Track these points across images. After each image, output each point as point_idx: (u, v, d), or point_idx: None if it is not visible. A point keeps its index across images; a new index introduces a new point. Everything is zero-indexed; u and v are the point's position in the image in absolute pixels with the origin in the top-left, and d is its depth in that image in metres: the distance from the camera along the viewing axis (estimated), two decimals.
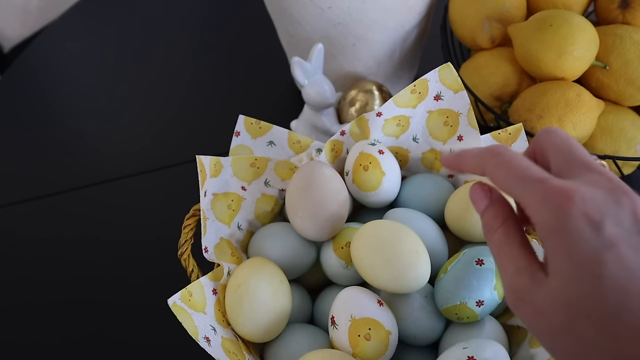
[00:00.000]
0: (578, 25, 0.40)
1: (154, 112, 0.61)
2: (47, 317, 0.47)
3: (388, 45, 0.49)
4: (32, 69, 0.69)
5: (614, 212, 0.19)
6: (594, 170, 0.20)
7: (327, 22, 0.46)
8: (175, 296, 0.31)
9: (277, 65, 0.60)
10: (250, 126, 0.41)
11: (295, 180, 0.36)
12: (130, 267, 0.49)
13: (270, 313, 0.33)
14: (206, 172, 0.36)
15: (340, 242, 0.36)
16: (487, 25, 0.46)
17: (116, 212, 0.53)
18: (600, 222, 0.18)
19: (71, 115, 0.63)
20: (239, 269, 0.34)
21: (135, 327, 0.45)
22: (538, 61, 0.41)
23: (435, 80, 0.39)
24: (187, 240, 0.35)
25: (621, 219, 0.19)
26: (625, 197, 0.19)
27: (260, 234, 0.38)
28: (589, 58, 0.41)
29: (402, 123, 0.41)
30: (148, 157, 0.56)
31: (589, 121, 0.40)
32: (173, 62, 0.65)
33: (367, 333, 0.31)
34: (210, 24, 0.69)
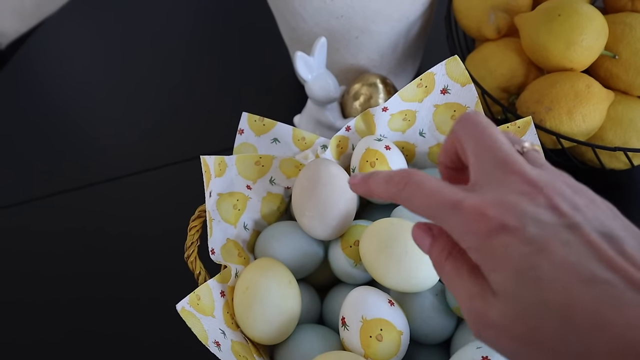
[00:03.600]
0: (587, 14, 0.39)
1: (154, 108, 0.60)
2: (51, 314, 0.46)
3: (391, 37, 0.48)
4: (30, 65, 0.68)
5: (533, 213, 0.18)
6: (507, 169, 0.20)
7: (330, 14, 0.45)
8: (184, 301, 0.30)
9: (279, 59, 0.59)
10: (254, 123, 0.40)
11: (301, 179, 0.36)
12: (135, 266, 0.48)
13: (279, 315, 0.32)
14: (211, 172, 0.35)
15: (349, 240, 0.36)
16: (493, 16, 0.45)
17: (116, 216, 0.52)
18: (522, 228, 0.18)
19: (72, 111, 0.62)
20: (247, 271, 0.34)
21: (142, 326, 0.45)
22: (546, 52, 0.41)
23: (442, 73, 0.38)
24: (194, 243, 0.34)
25: (541, 218, 0.18)
26: (540, 195, 0.19)
27: (267, 234, 0.37)
28: (598, 48, 0.40)
29: (409, 117, 0.40)
30: (148, 155, 0.56)
31: (598, 112, 0.40)
32: (174, 56, 0.64)
33: (379, 334, 0.31)
34: (213, 18, 0.68)
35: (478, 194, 0.19)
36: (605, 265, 0.17)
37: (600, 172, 0.44)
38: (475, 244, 0.19)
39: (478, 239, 0.19)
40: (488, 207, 0.19)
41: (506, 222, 0.18)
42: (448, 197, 0.20)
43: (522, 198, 0.19)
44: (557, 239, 0.18)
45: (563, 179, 0.20)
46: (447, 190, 0.20)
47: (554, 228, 0.18)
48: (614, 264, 0.17)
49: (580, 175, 0.46)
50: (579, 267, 0.17)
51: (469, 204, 0.19)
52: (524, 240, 0.18)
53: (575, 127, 0.39)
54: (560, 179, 0.20)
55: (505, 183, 0.19)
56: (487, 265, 0.19)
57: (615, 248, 0.18)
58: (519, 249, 0.18)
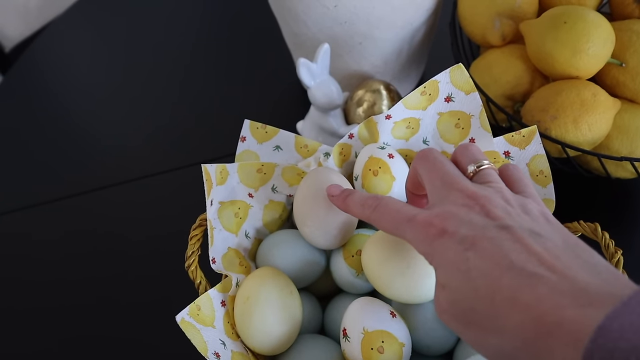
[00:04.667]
0: (593, 21, 0.39)
1: (157, 112, 0.60)
2: (48, 320, 0.46)
3: (395, 44, 0.48)
4: (35, 68, 0.68)
5: (467, 218, 0.22)
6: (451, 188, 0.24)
7: (333, 21, 0.45)
8: (184, 312, 0.30)
9: (282, 64, 0.59)
10: (256, 131, 0.40)
11: (302, 188, 0.35)
12: (136, 272, 0.48)
13: (280, 325, 0.32)
14: (212, 181, 0.35)
15: (351, 250, 0.36)
16: (498, 22, 0.45)
17: (117, 221, 0.52)
18: (457, 231, 0.22)
19: (76, 114, 0.62)
20: (248, 280, 0.34)
21: (142, 331, 0.44)
22: (552, 59, 0.40)
23: (446, 81, 0.38)
24: (194, 252, 0.34)
25: (474, 221, 0.22)
26: (476, 204, 0.23)
27: (269, 242, 0.37)
28: (605, 56, 0.40)
29: (412, 125, 0.40)
30: (150, 160, 0.56)
31: (605, 121, 0.39)
32: (177, 61, 0.64)
33: (380, 346, 0.30)
34: (216, 24, 0.68)
35: (429, 211, 0.24)
36: (526, 255, 0.20)
37: (606, 181, 0.43)
38: (425, 248, 0.23)
39: (426, 243, 0.23)
40: (433, 218, 0.23)
41: (446, 228, 0.22)
42: (406, 214, 0.25)
43: (460, 208, 0.23)
44: (485, 237, 0.21)
45: (503, 194, 0.24)
46: (406, 209, 0.25)
47: (483, 228, 0.22)
48: (535, 253, 0.20)
49: (585, 184, 0.46)
50: (500, 257, 0.20)
51: (420, 218, 0.24)
52: (457, 240, 0.22)
53: (581, 136, 0.39)
54: (501, 194, 0.24)
55: (449, 199, 0.24)
56: (434, 263, 0.23)
57: (539, 242, 0.21)
58: (453, 247, 0.22)
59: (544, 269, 0.19)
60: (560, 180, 0.38)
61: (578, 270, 0.19)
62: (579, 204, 0.44)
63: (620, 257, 0.32)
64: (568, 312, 0.17)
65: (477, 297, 0.20)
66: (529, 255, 0.20)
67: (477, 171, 0.26)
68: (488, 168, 0.26)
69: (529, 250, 0.20)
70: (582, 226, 0.34)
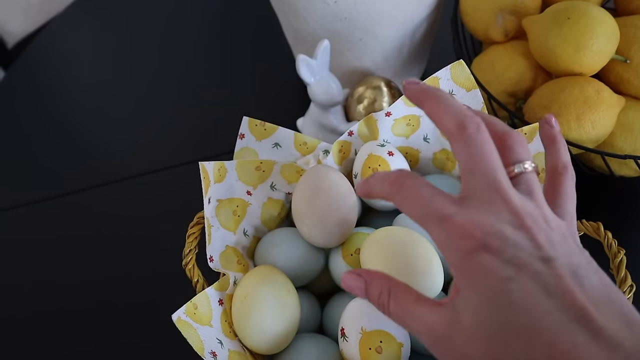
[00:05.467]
0: (597, 17, 0.38)
1: (157, 109, 0.60)
2: (45, 321, 0.46)
3: (396, 40, 0.47)
4: (37, 65, 0.68)
5: (514, 241, 0.20)
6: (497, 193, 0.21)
7: (333, 17, 0.44)
8: (180, 311, 0.30)
9: (282, 60, 0.58)
10: (255, 128, 0.39)
11: (301, 186, 0.35)
12: (134, 270, 0.48)
13: (278, 324, 0.32)
14: (210, 179, 0.35)
15: (350, 248, 0.35)
16: (501, 18, 0.44)
17: (117, 218, 0.52)
18: (502, 252, 0.19)
19: (78, 111, 0.62)
20: (245, 279, 0.33)
21: (139, 331, 0.44)
22: (555, 56, 0.40)
23: (446, 78, 0.38)
24: (192, 250, 0.34)
25: (520, 247, 0.20)
26: (522, 226, 0.20)
27: (267, 241, 0.37)
28: (609, 52, 0.39)
29: (412, 122, 0.39)
30: (149, 157, 0.55)
31: (608, 119, 0.38)
32: (178, 58, 0.64)
33: (379, 346, 0.30)
34: (217, 21, 0.67)
35: (466, 212, 0.21)
36: (569, 298, 0.19)
37: (610, 178, 0.43)
38: (456, 260, 0.20)
39: (460, 255, 0.20)
40: (474, 228, 0.20)
41: (488, 244, 0.20)
42: (438, 209, 0.21)
43: (506, 225, 0.20)
44: (531, 268, 0.19)
45: (543, 211, 0.22)
46: (438, 201, 0.21)
47: (530, 258, 0.19)
48: (575, 297, 0.19)
49: (588, 182, 0.45)
50: (544, 296, 0.19)
51: (456, 221, 0.20)
52: (503, 262, 0.19)
53: (584, 134, 0.38)
54: (541, 211, 0.21)
55: (493, 206, 0.21)
56: (463, 283, 0.20)
57: (580, 284, 0.19)
58: (497, 270, 0.19)
59: (581, 315, 0.18)
60: None
61: (614, 321, 0.18)
62: (581, 202, 0.43)
63: (623, 257, 0.31)
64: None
65: (515, 336, 0.19)
66: (569, 297, 0.19)
67: (520, 174, 0.23)
68: (532, 173, 0.23)
69: (569, 291, 0.19)
70: (585, 225, 0.34)
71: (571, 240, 0.21)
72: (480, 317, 0.19)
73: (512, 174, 0.23)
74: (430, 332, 0.21)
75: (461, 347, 0.20)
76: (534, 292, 0.19)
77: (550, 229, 0.21)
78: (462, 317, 0.20)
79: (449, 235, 0.20)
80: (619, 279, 0.31)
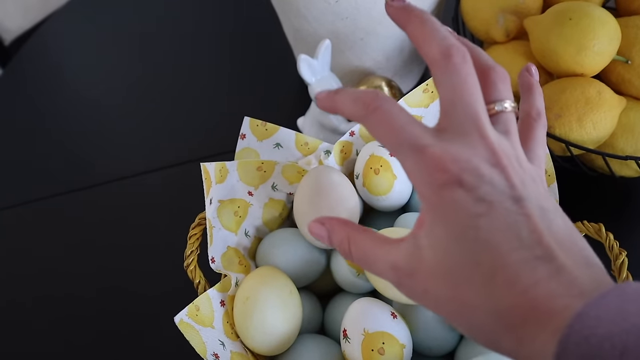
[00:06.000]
0: (599, 18, 0.38)
1: (156, 108, 0.59)
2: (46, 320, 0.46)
3: (398, 39, 0.47)
4: (35, 62, 0.67)
5: (489, 178, 0.19)
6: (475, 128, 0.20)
7: (335, 16, 0.44)
8: (182, 313, 0.30)
9: (283, 61, 0.58)
10: (256, 128, 0.39)
11: (303, 187, 0.35)
12: (133, 278, 0.48)
13: (280, 326, 0.32)
14: (211, 179, 0.35)
15: None
16: (502, 18, 0.44)
17: (113, 219, 0.52)
18: (476, 189, 0.19)
19: (75, 109, 0.62)
20: (247, 280, 0.33)
21: (141, 333, 0.44)
22: (556, 56, 0.39)
23: None
24: (193, 251, 0.34)
25: (495, 184, 0.19)
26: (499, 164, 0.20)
27: (269, 241, 0.37)
28: (610, 53, 0.39)
29: None
30: (149, 156, 0.55)
31: (610, 120, 0.38)
32: (178, 57, 0.64)
33: (381, 347, 0.30)
34: (217, 19, 0.67)
35: (443, 144, 0.20)
36: (536, 237, 0.19)
37: (610, 179, 0.43)
38: (428, 192, 0.20)
39: (432, 188, 0.20)
40: (449, 161, 0.19)
41: (463, 179, 0.19)
42: (413, 137, 0.20)
43: (482, 162, 0.20)
44: (502, 206, 0.19)
45: (517, 152, 0.22)
46: (415, 129, 0.21)
47: (502, 196, 0.19)
48: (542, 236, 0.19)
49: (589, 183, 0.45)
50: (513, 234, 0.19)
51: (432, 152, 0.20)
52: (474, 199, 0.19)
53: (585, 135, 0.38)
54: (515, 152, 0.21)
55: (470, 141, 0.20)
56: (432, 216, 0.20)
57: (547, 224, 0.19)
58: (468, 207, 0.19)
59: (546, 254, 0.18)
60: (563, 179, 0.38)
61: (574, 261, 0.19)
62: (582, 203, 0.43)
63: (624, 259, 0.31)
64: (559, 302, 0.17)
65: (476, 272, 0.19)
66: (537, 237, 0.19)
67: (499, 112, 0.23)
68: (511, 113, 0.23)
69: (538, 231, 0.19)
70: (586, 227, 0.34)
71: (540, 184, 0.21)
72: (444, 251, 0.19)
73: (492, 111, 0.23)
74: (393, 270, 0.21)
75: (423, 281, 0.20)
76: (502, 229, 0.19)
77: (523, 170, 0.21)
78: (425, 251, 0.20)
79: (422, 166, 0.20)
80: (620, 281, 0.32)
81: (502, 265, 0.18)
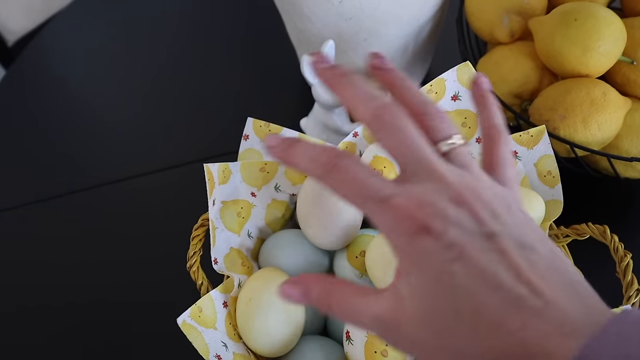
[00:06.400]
0: (604, 18, 0.38)
1: (160, 108, 0.59)
2: (45, 321, 0.46)
3: (401, 40, 0.47)
4: (38, 63, 0.67)
5: (455, 219, 0.19)
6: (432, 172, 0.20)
7: (338, 17, 0.44)
8: (185, 314, 0.30)
9: (286, 61, 0.58)
10: (260, 129, 0.39)
11: (306, 189, 0.35)
12: (136, 278, 0.48)
13: (283, 327, 0.32)
14: (214, 180, 0.35)
15: (355, 251, 0.35)
16: (507, 19, 0.44)
17: (115, 220, 0.52)
18: (444, 233, 0.19)
19: (79, 110, 0.62)
20: (250, 282, 0.33)
21: (143, 333, 0.44)
22: (561, 57, 0.39)
23: (453, 79, 0.37)
24: (196, 252, 0.33)
25: (462, 224, 0.19)
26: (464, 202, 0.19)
27: (271, 242, 0.37)
28: (616, 54, 0.39)
29: None
30: (152, 157, 0.55)
31: (615, 121, 0.38)
32: (181, 58, 0.64)
33: (384, 349, 0.30)
34: (221, 20, 0.67)
35: (405, 191, 0.20)
36: (514, 274, 0.18)
37: (615, 180, 0.42)
38: (399, 243, 0.20)
39: (402, 239, 0.19)
40: (414, 208, 0.19)
41: (430, 225, 0.19)
42: (375, 190, 0.20)
43: (446, 202, 0.19)
44: (474, 247, 0.18)
45: (483, 183, 0.21)
46: (375, 182, 0.20)
47: (472, 235, 0.19)
48: (521, 272, 0.18)
49: (593, 184, 0.45)
50: (489, 275, 0.18)
51: (396, 202, 0.19)
52: (444, 245, 0.19)
53: (590, 136, 0.38)
54: (480, 183, 0.21)
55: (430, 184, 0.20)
56: (407, 266, 0.19)
57: (525, 257, 0.19)
58: (439, 254, 0.19)
59: (529, 290, 0.18)
60: (567, 180, 0.38)
61: (562, 293, 0.18)
62: (586, 204, 0.43)
63: (629, 261, 0.31)
64: (552, 342, 0.17)
65: (459, 319, 0.18)
66: (515, 273, 0.18)
67: (450, 150, 0.22)
68: (461, 147, 0.22)
69: (516, 267, 0.18)
70: (591, 228, 0.33)
71: (516, 208, 0.21)
72: (425, 301, 0.19)
73: (442, 152, 0.22)
74: (377, 322, 0.20)
75: (409, 333, 0.19)
76: (477, 272, 0.18)
77: (495, 200, 0.20)
78: (406, 302, 0.19)
79: (389, 217, 0.20)
80: (625, 283, 0.31)
81: (484, 310, 0.18)
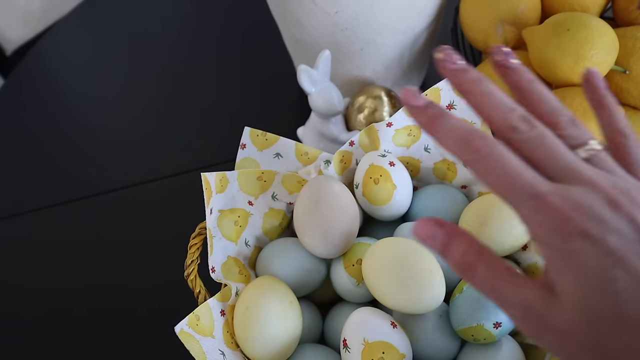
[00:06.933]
0: (597, 28, 0.39)
1: (158, 118, 0.60)
2: (44, 329, 0.46)
3: (397, 49, 0.48)
4: (37, 72, 0.68)
5: (615, 225, 0.18)
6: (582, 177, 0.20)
7: (334, 27, 0.44)
8: (183, 322, 0.30)
9: (282, 71, 0.59)
10: (256, 138, 0.40)
11: (303, 198, 0.35)
12: (133, 288, 0.48)
13: (280, 335, 0.32)
14: (212, 189, 0.35)
15: (351, 259, 0.35)
16: (501, 29, 0.44)
17: (113, 229, 0.52)
18: (603, 238, 0.18)
19: (78, 119, 0.62)
20: (247, 290, 0.33)
21: (141, 341, 0.44)
22: (554, 67, 0.40)
23: (447, 89, 0.38)
24: (194, 261, 0.34)
25: (622, 232, 0.18)
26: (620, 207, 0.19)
27: (269, 251, 0.37)
28: (609, 63, 0.39)
29: (414, 133, 0.40)
30: (150, 166, 0.55)
31: None
32: (178, 67, 0.64)
33: (381, 357, 0.30)
34: (218, 29, 0.68)
35: (562, 191, 0.19)
36: None
37: None
38: (552, 241, 0.19)
39: (556, 237, 0.19)
40: (571, 210, 0.19)
41: (588, 230, 0.18)
42: (529, 185, 0.19)
43: (603, 207, 0.19)
44: (635, 254, 0.18)
45: (635, 187, 0.20)
46: (529, 176, 0.20)
47: (632, 243, 0.18)
48: None
49: None
50: None
51: (551, 201, 0.19)
52: (604, 251, 0.18)
53: None
54: (631, 185, 0.20)
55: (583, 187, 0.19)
56: (559, 267, 0.19)
57: None
58: (598, 259, 0.18)
59: None
60: None
61: None
62: None
63: None
64: None
65: (624, 328, 0.17)
66: None
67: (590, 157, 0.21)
68: (602, 151, 0.21)
69: None
70: None
71: None
72: (586, 302, 0.18)
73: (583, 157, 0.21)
74: (525, 309, 0.20)
75: (561, 329, 0.19)
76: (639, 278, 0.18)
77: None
78: (562, 299, 0.19)
79: (543, 214, 0.19)
80: None
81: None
